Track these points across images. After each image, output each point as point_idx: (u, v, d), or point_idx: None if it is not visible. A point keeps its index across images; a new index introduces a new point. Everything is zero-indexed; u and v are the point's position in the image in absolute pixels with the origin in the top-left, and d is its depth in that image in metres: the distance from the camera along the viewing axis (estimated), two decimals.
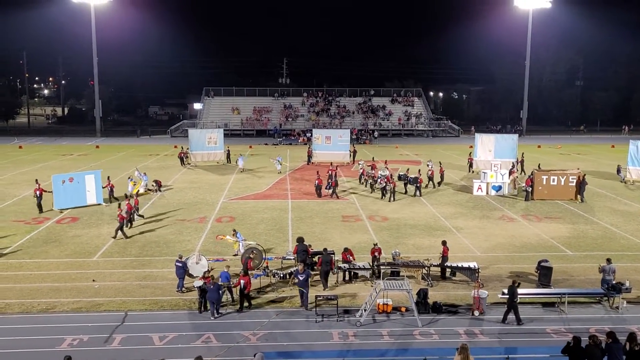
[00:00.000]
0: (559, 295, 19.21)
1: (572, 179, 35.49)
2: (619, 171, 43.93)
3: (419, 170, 38.92)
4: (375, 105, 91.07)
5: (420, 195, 36.44)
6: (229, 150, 52.82)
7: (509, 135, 49.99)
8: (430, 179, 39.77)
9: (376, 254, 22.00)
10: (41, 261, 23.63)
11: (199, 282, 18.77)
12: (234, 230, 24.82)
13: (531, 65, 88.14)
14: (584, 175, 36.23)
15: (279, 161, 45.77)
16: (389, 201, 34.90)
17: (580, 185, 35.35)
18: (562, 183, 35.54)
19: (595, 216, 31.88)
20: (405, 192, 37.25)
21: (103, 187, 34.24)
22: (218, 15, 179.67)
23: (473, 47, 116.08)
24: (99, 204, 33.63)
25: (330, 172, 38.39)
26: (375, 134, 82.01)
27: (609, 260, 20.18)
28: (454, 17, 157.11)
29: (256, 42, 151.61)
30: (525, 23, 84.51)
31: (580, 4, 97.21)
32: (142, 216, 30.62)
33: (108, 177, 35.50)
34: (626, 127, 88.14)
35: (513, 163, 44.21)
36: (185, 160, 51.17)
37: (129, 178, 37.47)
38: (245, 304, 18.79)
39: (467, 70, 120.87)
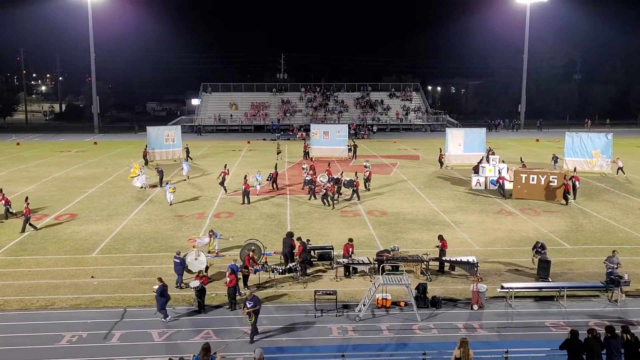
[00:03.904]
0: (558, 289, 19.23)
1: (552, 178, 33.75)
2: (555, 161, 44.37)
3: (356, 173, 36.89)
4: (374, 100, 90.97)
5: (359, 199, 34.05)
6: (187, 148, 51.49)
7: (478, 129, 50.13)
8: (367, 180, 37.39)
9: (350, 249, 21.83)
10: (40, 258, 23.61)
11: (195, 283, 18.63)
12: (212, 231, 24.34)
13: (529, 59, 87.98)
14: (571, 175, 34.68)
15: (257, 179, 36.11)
16: (332, 208, 32.01)
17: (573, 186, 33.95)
18: (542, 183, 33.76)
19: (594, 210, 31.89)
20: (339, 196, 34.15)
21: None
22: (215, 10, 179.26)
23: (471, 41, 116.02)
24: None
25: (222, 174, 36.96)
26: (375, 128, 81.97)
27: (613, 252, 20.21)
28: (452, 11, 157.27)
29: (254, 37, 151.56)
30: (523, 17, 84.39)
31: None
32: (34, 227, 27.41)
33: (1, 190, 31.33)
34: (589, 121, 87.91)
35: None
36: (148, 158, 48.60)
37: (167, 183, 35.09)
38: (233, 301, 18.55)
39: (465, 65, 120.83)
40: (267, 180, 37.13)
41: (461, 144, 46.92)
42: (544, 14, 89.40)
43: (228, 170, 38.50)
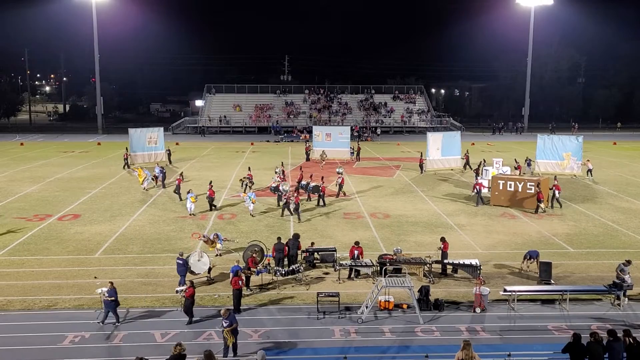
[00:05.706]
0: (560, 292, 19.20)
1: (529, 185, 32.65)
2: (529, 164, 44.65)
3: (322, 178, 35.80)
4: (377, 102, 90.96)
5: (324, 205, 33.00)
6: (169, 151, 51.25)
7: (453, 133, 50.35)
8: (341, 187, 35.98)
9: (356, 252, 21.81)
10: (43, 258, 23.67)
11: (180, 288, 18.53)
12: (216, 235, 24.29)
13: (533, 62, 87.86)
14: (553, 184, 33.60)
15: (250, 198, 31.26)
16: (299, 221, 29.62)
17: (553, 192, 33.02)
18: (520, 190, 32.83)
19: (597, 213, 31.83)
20: (308, 200, 34.00)
21: None
22: (220, 11, 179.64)
23: (475, 44, 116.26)
24: None
25: (177, 181, 35.75)
26: (378, 131, 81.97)
27: (628, 262, 19.68)
28: (456, 14, 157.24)
29: (258, 38, 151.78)
30: (527, 20, 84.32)
31: (582, 1, 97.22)
32: None
33: None
34: (576, 125, 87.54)
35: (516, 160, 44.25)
36: (128, 161, 47.02)
37: (189, 192, 32.55)
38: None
39: (469, 67, 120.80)
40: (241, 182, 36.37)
41: (439, 148, 46.66)
42: (548, 17, 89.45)
43: (183, 177, 37.64)
